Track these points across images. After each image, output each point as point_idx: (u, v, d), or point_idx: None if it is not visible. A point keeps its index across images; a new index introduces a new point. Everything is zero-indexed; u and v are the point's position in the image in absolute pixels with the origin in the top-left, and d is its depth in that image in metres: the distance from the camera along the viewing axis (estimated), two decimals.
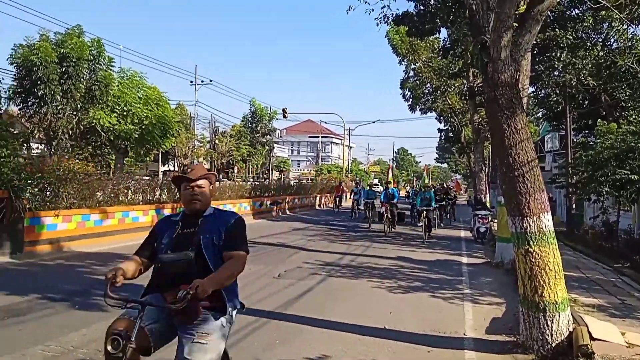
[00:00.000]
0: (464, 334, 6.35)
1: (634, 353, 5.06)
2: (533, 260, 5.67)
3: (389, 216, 18.03)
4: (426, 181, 30.37)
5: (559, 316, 5.53)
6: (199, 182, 3.21)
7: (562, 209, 21.79)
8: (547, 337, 5.51)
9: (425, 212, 16.39)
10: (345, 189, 32.98)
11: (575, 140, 21.05)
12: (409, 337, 6.11)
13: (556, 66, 17.77)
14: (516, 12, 6.09)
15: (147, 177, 20.25)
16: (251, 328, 6.09)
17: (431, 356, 5.53)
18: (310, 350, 5.44)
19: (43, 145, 22.12)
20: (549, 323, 5.52)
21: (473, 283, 9.67)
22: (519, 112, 5.89)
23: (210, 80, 39.06)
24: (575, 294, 7.76)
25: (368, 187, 25.96)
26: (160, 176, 28.78)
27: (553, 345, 5.48)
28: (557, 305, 5.56)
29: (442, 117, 35.19)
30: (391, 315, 7.03)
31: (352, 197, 27.28)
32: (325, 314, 6.93)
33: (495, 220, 15.80)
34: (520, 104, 6.08)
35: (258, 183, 29.34)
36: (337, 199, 30.31)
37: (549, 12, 15.54)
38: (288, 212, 26.06)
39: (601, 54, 17.76)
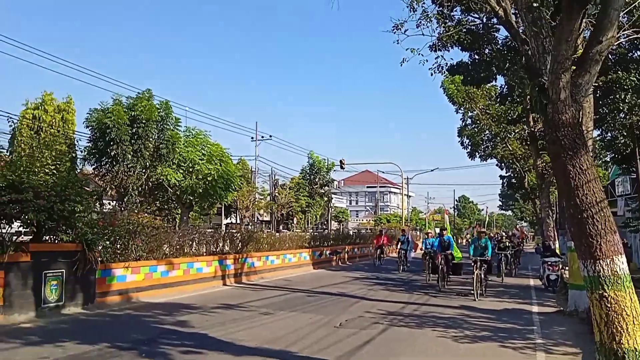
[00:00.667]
0: None
1: None
2: (609, 305, 5.37)
3: (444, 269, 15.64)
4: (447, 225, 25.05)
5: None
6: None
7: (638, 254, 20.51)
8: None
9: (479, 262, 13.82)
10: (387, 238, 27.88)
11: None
12: None
13: (621, 108, 17.21)
14: (574, 54, 6.06)
15: (211, 230, 20.85)
16: None
17: None
18: None
19: (115, 201, 23.30)
20: None
21: (545, 332, 9.19)
22: (583, 152, 5.75)
23: (270, 136, 40.29)
24: None
25: (436, 236, 19.40)
26: (223, 228, 29.48)
27: None
28: (636, 353, 5.21)
29: (503, 164, 34.52)
30: None
31: (399, 246, 22.97)
32: None
33: (567, 268, 15.05)
34: (585, 144, 5.93)
35: (317, 233, 29.35)
36: (378, 250, 25.06)
37: (609, 55, 15.37)
38: (347, 262, 25.86)
39: None
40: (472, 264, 13.79)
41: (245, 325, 9.09)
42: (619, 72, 16.30)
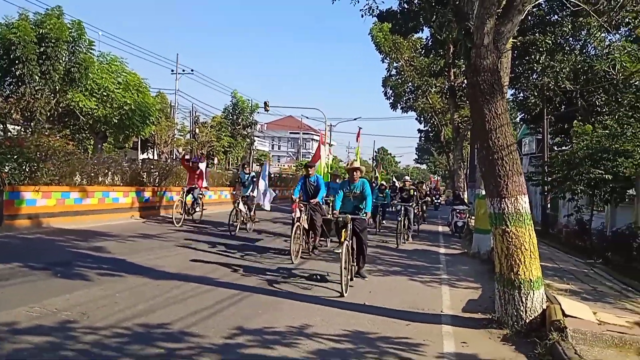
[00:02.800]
0: (441, 312, 6.53)
1: (604, 329, 5.29)
2: (510, 239, 5.87)
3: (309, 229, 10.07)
4: (357, 156, 21.74)
5: (533, 294, 5.75)
6: None
7: (538, 209, 22.23)
8: (521, 313, 5.73)
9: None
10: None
11: (551, 143, 21.56)
12: (388, 312, 6.27)
13: (535, 69, 18.14)
14: (500, 1, 6.31)
15: (126, 164, 20.13)
16: (236, 299, 6.23)
17: (409, 329, 5.68)
18: (291, 321, 5.55)
19: (19, 126, 21.74)
20: (524, 300, 5.74)
21: (450, 270, 9.90)
22: (499, 97, 6.10)
23: (192, 70, 38.81)
24: (549, 280, 8.00)
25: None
26: (140, 163, 28.52)
27: (527, 321, 5.70)
28: (531, 283, 5.77)
29: (422, 118, 35.67)
30: (370, 294, 7.19)
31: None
32: (307, 291, 7.05)
33: (473, 217, 16.08)
34: (501, 90, 6.28)
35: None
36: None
37: (528, 16, 16.04)
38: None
39: (579, 58, 18.23)
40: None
41: (164, 254, 9.06)
42: (536, 34, 17.09)
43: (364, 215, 7.82)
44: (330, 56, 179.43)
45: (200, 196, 14.43)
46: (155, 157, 32.72)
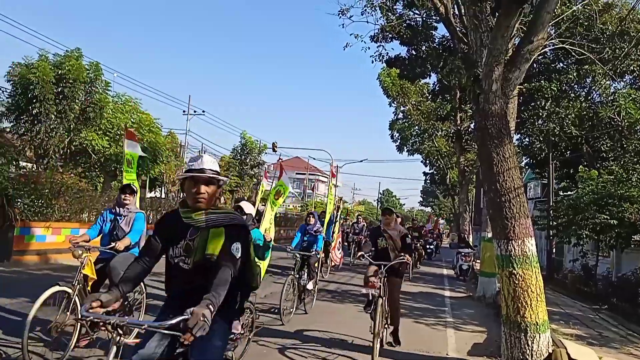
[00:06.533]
0: (447, 355, 6.52)
1: None
2: (516, 282, 5.92)
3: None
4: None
5: (540, 337, 5.75)
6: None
7: (543, 253, 22.13)
8: (527, 356, 5.71)
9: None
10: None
11: (556, 187, 21.62)
12: (394, 354, 6.26)
13: (540, 114, 18.41)
14: (507, 49, 6.56)
15: None
16: None
17: None
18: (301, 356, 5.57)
19: (32, 164, 22.09)
20: (530, 343, 5.73)
21: (455, 313, 9.87)
22: (507, 141, 6.27)
23: (203, 111, 39.54)
24: (555, 325, 7.97)
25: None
26: (147, 202, 28.73)
27: None
28: (538, 327, 5.78)
29: (428, 160, 35.94)
30: None
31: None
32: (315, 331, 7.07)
33: (478, 261, 16.06)
34: (509, 134, 6.46)
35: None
36: None
37: (534, 64, 16.43)
38: (273, 243, 26.03)
39: (584, 105, 18.54)
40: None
41: None
42: (542, 81, 17.45)
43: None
44: (340, 99, 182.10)
45: None
46: (163, 196, 32.97)
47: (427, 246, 23.61)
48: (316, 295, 9.37)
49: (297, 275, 8.41)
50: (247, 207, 6.08)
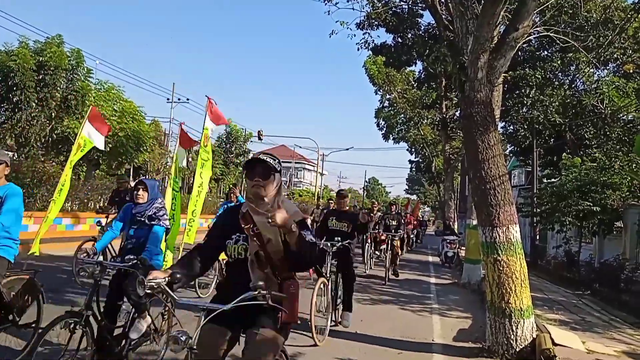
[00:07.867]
0: (432, 340, 6.57)
1: (593, 358, 5.37)
2: (501, 268, 5.97)
3: None
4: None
5: (524, 322, 5.82)
6: None
7: (527, 240, 22.38)
8: (512, 341, 5.78)
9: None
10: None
11: (540, 175, 21.84)
12: (379, 340, 6.30)
13: (525, 102, 18.50)
14: (493, 37, 6.55)
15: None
16: None
17: (401, 357, 5.72)
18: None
19: (12, 153, 21.75)
20: (514, 328, 5.80)
21: (441, 299, 9.95)
22: (492, 129, 6.28)
23: (187, 99, 39.28)
24: (538, 310, 8.06)
25: None
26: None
27: (517, 349, 5.74)
28: (522, 312, 5.85)
29: (414, 148, 36.03)
30: (362, 322, 7.21)
31: None
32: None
33: (463, 248, 16.18)
34: (494, 122, 6.47)
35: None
36: None
37: (519, 52, 16.47)
38: None
39: (568, 93, 18.67)
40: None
41: None
42: (527, 69, 17.52)
43: None
44: (325, 88, 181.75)
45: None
46: None
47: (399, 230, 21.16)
48: None
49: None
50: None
